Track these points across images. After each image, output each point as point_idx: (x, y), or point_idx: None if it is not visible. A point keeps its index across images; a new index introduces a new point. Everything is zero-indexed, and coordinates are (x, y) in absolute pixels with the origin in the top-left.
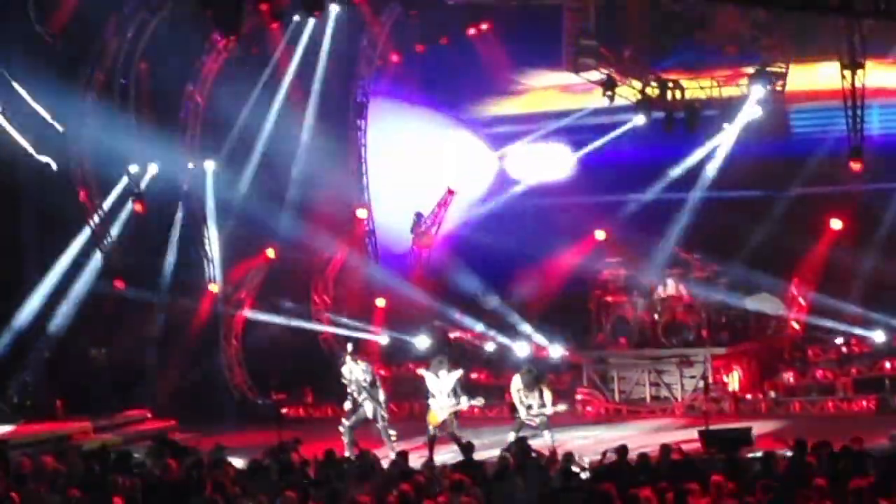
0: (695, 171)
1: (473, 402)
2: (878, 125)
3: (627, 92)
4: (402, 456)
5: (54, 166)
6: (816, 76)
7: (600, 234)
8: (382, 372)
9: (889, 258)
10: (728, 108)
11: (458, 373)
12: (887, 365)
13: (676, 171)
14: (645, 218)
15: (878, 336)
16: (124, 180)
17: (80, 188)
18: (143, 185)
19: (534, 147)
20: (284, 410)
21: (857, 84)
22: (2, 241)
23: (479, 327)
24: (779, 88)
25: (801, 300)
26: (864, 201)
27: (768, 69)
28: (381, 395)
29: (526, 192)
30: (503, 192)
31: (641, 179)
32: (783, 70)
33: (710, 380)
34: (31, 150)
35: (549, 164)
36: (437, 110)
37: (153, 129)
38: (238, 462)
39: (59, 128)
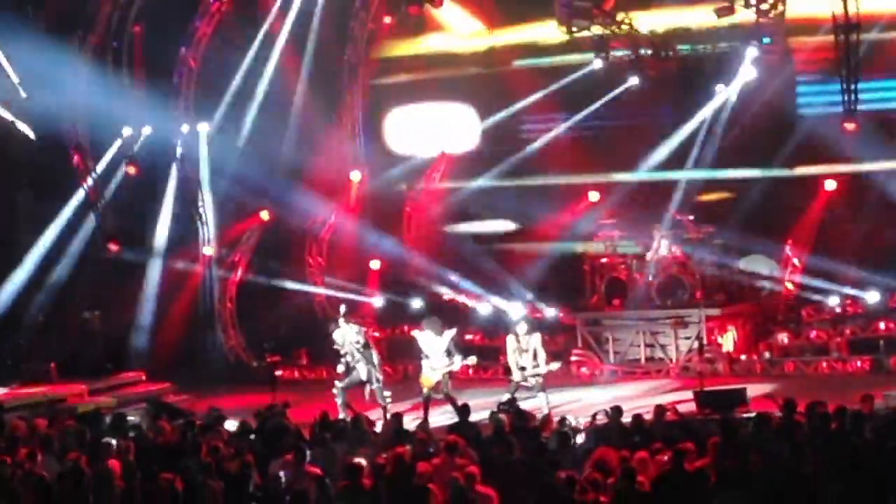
0: (691, 137)
1: (466, 362)
2: None
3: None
4: (397, 418)
5: (32, 135)
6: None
7: (594, 196)
8: (377, 334)
9: (883, 219)
10: (723, 62)
11: (452, 332)
12: (881, 325)
13: (673, 140)
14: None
15: (873, 297)
16: (118, 143)
17: (73, 151)
18: (136, 147)
19: (432, 110)
20: (279, 373)
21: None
22: None
23: (474, 289)
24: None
25: (795, 261)
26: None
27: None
28: (375, 357)
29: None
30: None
31: (637, 144)
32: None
33: (705, 341)
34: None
35: (453, 131)
36: None
37: (147, 92)
38: (232, 425)
39: (24, 94)
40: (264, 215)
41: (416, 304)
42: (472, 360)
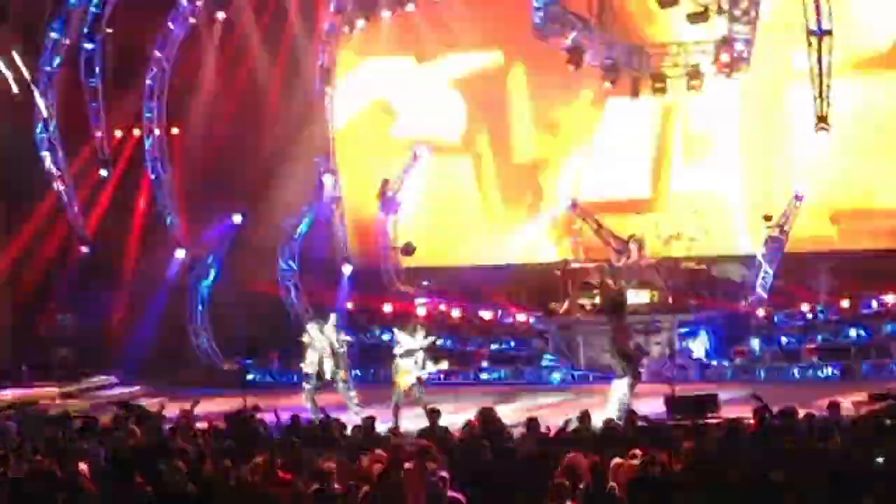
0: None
1: (439, 366)
2: None
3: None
4: (368, 422)
5: None
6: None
7: (568, 199)
8: (349, 338)
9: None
10: (695, 74)
11: (431, 339)
12: (852, 332)
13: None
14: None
15: (844, 303)
16: (90, 145)
17: (46, 153)
18: (109, 150)
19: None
20: (250, 376)
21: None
22: None
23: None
24: (745, 56)
25: (767, 267)
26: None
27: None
28: (346, 361)
29: None
30: None
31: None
32: (749, 36)
33: (676, 346)
34: None
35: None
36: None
37: (119, 94)
38: (203, 427)
39: None
40: (237, 218)
41: (388, 308)
42: (444, 364)
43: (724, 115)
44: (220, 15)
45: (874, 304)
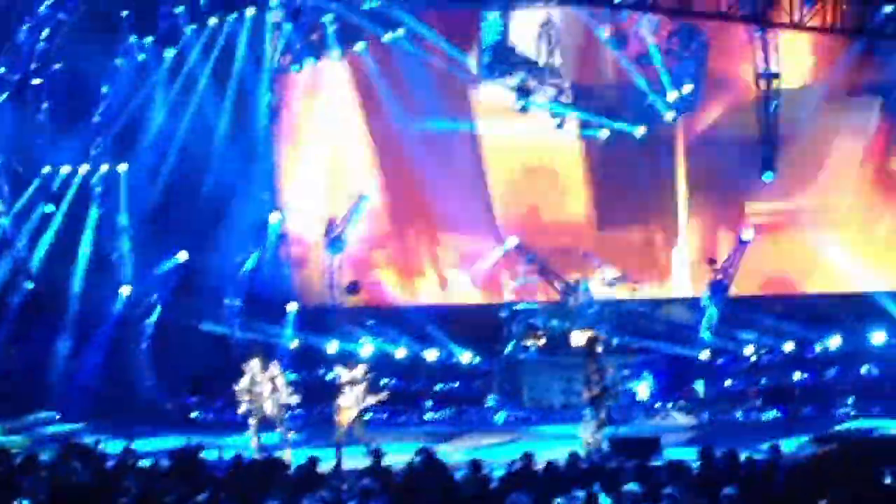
0: None
1: (379, 397)
2: None
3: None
4: (311, 461)
5: None
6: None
7: (512, 241)
8: (293, 376)
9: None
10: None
11: (372, 374)
12: (797, 375)
13: None
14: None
15: (789, 346)
16: (37, 181)
17: None
18: (56, 186)
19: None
20: (194, 414)
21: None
22: None
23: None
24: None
25: (711, 310)
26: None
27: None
28: (289, 399)
29: None
30: None
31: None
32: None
33: (620, 388)
34: None
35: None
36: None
37: (67, 130)
38: (146, 466)
39: None
40: (182, 255)
41: (332, 347)
42: (385, 395)
43: (668, 156)
44: (169, 51)
45: (818, 347)
